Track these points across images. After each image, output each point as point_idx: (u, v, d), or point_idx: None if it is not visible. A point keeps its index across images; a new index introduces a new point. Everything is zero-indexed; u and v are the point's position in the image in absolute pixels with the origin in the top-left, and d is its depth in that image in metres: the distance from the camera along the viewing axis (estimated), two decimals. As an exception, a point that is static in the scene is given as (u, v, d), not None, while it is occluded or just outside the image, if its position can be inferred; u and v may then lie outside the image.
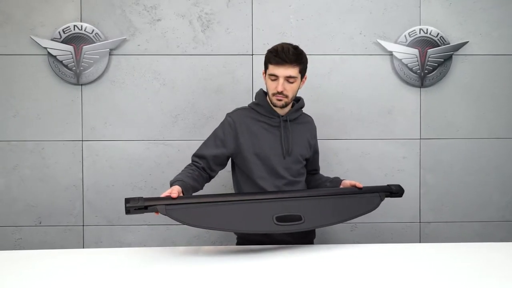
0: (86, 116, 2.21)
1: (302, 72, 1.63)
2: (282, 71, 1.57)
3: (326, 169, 2.23)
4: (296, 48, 1.60)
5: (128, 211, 1.29)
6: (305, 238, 1.74)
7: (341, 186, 1.70)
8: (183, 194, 1.45)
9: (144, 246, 2.23)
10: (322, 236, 2.26)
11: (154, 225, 2.24)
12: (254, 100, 1.76)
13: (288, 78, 1.59)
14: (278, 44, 1.61)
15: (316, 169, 1.90)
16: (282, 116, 1.69)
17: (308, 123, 1.80)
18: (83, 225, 2.23)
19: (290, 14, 2.23)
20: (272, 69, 1.59)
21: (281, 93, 1.59)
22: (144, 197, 1.34)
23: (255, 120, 1.69)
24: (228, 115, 1.73)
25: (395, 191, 1.67)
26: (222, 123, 1.71)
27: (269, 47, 1.65)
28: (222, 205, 1.39)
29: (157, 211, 1.31)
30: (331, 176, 1.84)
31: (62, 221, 2.22)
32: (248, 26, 2.22)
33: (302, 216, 1.42)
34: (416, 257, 1.39)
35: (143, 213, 1.31)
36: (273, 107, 1.68)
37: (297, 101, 1.77)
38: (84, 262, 1.33)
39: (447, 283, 1.15)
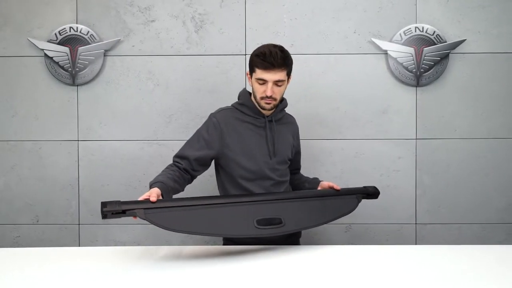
0: (81, 116, 2.24)
1: (289, 74, 1.62)
2: (271, 76, 1.54)
3: (320, 169, 2.22)
4: (282, 50, 1.57)
5: (105, 215, 1.23)
6: (290, 238, 1.71)
7: (319, 188, 1.69)
8: (162, 196, 1.40)
9: (139, 245, 2.25)
10: (315, 236, 2.25)
11: (149, 224, 2.25)
12: (238, 99, 1.73)
13: (276, 82, 1.56)
14: (264, 47, 1.57)
15: (298, 169, 1.89)
16: (267, 116, 1.67)
17: (290, 123, 1.79)
18: (79, 224, 2.26)
19: (284, 14, 2.21)
20: (260, 73, 1.56)
21: (270, 97, 1.57)
22: (121, 200, 1.28)
23: (240, 120, 1.67)
24: (213, 115, 1.68)
25: (371, 193, 1.67)
26: (206, 124, 1.67)
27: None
28: (202, 209, 1.35)
29: (135, 216, 1.26)
30: (311, 176, 1.86)
31: (59, 219, 2.26)
32: (241, 26, 2.22)
33: (282, 219, 1.41)
34: (412, 259, 1.36)
35: (120, 217, 1.26)
36: (259, 108, 1.66)
37: (280, 101, 1.75)
38: (80, 260, 1.35)
39: (443, 287, 1.13)
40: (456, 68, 2.20)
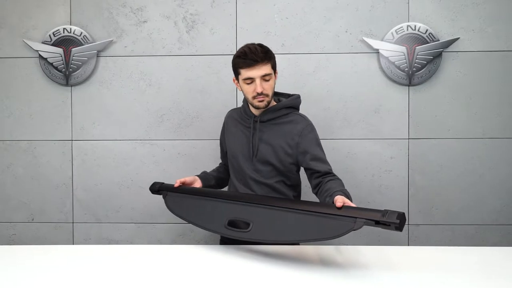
0: (75, 116, 2.27)
1: (274, 67, 1.61)
2: (257, 72, 1.54)
3: (311, 169, 2.21)
4: (261, 45, 1.58)
5: (151, 191, 1.71)
6: None
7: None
8: (202, 183, 1.70)
9: (131, 243, 2.27)
10: (306, 237, 2.24)
11: (141, 223, 2.28)
12: None
13: (264, 77, 1.56)
14: (242, 48, 1.58)
15: (319, 171, 1.60)
16: (255, 116, 1.67)
17: (292, 122, 1.66)
18: (72, 222, 2.29)
19: (275, 13, 2.21)
20: (246, 72, 1.56)
21: (261, 93, 1.57)
22: (164, 183, 1.70)
23: (236, 121, 1.74)
24: (226, 115, 1.85)
25: (386, 222, 1.15)
26: None
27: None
28: (195, 200, 1.57)
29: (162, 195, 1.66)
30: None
31: (53, 218, 2.29)
32: (232, 26, 2.22)
33: (250, 224, 1.36)
34: (404, 260, 1.34)
35: (158, 194, 1.69)
36: (251, 109, 1.67)
37: (287, 97, 1.74)
38: (73, 257, 1.38)
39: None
40: (449, 67, 2.16)
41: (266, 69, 1.55)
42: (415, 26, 2.14)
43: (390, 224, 1.14)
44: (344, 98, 2.20)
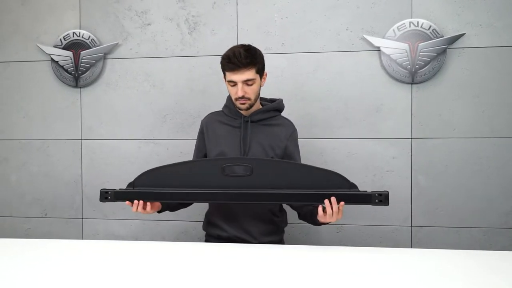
0: (84, 116, 2.37)
1: (260, 71, 1.62)
2: (239, 77, 1.57)
3: (312, 169, 2.20)
4: (248, 49, 1.58)
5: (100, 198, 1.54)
6: (271, 236, 1.70)
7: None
8: (161, 205, 1.63)
9: (136, 239, 2.35)
10: (306, 236, 2.23)
11: (146, 220, 2.35)
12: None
13: (246, 82, 1.58)
14: (230, 49, 1.60)
15: None
16: (245, 117, 1.69)
17: (281, 125, 1.73)
18: (82, 218, 2.40)
19: (274, 13, 2.21)
20: (229, 75, 1.59)
21: (242, 97, 1.60)
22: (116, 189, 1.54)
23: (221, 123, 1.73)
24: (202, 120, 1.81)
25: (377, 192, 1.43)
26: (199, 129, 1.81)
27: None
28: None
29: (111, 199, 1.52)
30: None
31: (64, 213, 2.41)
32: (232, 26, 2.25)
33: (252, 168, 1.41)
34: (407, 263, 1.30)
35: (113, 201, 1.52)
36: (237, 109, 1.69)
37: (272, 102, 1.76)
38: (82, 252, 1.44)
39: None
40: (454, 64, 2.09)
41: (249, 74, 1.57)
42: (417, 22, 2.08)
43: (382, 193, 1.41)
44: (345, 97, 2.18)
